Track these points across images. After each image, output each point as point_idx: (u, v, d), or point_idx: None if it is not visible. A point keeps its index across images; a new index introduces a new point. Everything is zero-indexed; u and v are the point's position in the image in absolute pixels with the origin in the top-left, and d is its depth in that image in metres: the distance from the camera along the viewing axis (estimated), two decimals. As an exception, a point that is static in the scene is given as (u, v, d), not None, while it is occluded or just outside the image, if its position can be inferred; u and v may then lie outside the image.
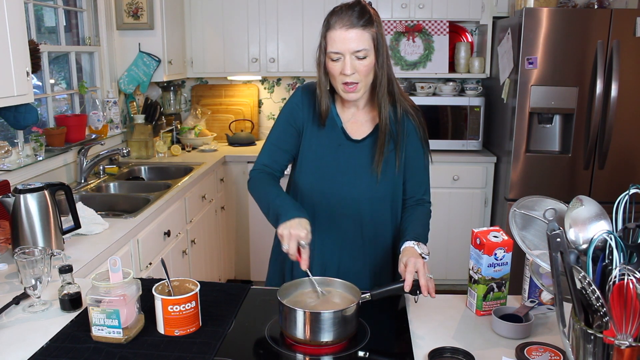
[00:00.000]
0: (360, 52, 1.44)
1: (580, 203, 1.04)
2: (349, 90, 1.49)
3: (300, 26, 3.73)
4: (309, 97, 1.61)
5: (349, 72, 1.45)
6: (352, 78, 1.47)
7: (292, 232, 1.37)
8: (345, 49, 1.44)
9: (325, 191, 1.60)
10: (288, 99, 1.67)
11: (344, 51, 1.44)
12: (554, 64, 3.10)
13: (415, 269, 1.33)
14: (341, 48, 1.44)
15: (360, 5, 1.46)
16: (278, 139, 1.64)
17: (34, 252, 1.38)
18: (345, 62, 1.45)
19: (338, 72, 1.47)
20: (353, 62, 1.45)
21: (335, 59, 1.46)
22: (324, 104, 1.55)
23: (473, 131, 3.63)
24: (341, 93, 1.52)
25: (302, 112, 1.61)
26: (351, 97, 1.51)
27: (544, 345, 1.18)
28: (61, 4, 2.99)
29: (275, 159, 1.64)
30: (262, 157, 1.66)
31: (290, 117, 1.62)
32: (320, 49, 1.50)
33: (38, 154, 2.51)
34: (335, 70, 1.47)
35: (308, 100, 1.61)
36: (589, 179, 3.23)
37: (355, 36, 1.43)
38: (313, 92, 1.60)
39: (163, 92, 3.99)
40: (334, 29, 1.44)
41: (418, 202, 1.64)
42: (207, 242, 3.19)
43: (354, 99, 1.53)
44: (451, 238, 3.65)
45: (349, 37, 1.43)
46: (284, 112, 1.65)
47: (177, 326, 1.23)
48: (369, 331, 1.28)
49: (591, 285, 0.90)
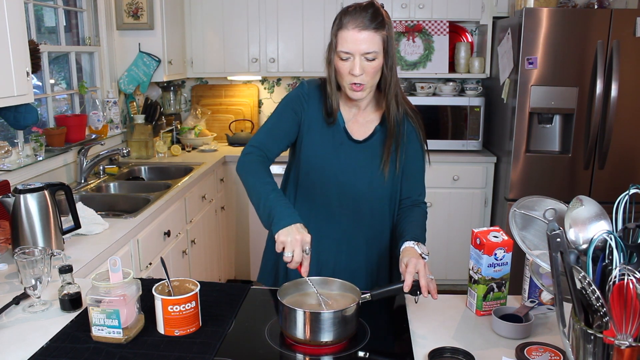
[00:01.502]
0: (370, 54, 1.45)
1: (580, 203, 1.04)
2: (356, 89, 1.50)
3: (300, 26, 3.73)
4: (314, 91, 1.60)
5: (357, 72, 1.45)
6: (360, 79, 1.47)
7: (297, 237, 1.32)
8: (355, 49, 1.44)
9: (325, 190, 1.60)
10: (293, 89, 1.66)
11: (354, 52, 1.44)
12: (554, 64, 3.10)
13: (416, 269, 1.33)
14: (352, 49, 1.44)
15: (373, 8, 1.46)
16: (279, 121, 1.61)
17: (34, 252, 1.38)
18: (354, 63, 1.45)
19: (347, 72, 1.48)
20: (362, 62, 1.45)
21: (345, 59, 1.47)
22: (334, 102, 1.55)
23: (473, 131, 3.63)
24: (348, 92, 1.52)
25: (307, 104, 1.60)
26: (357, 96, 1.52)
27: (544, 345, 1.18)
28: (61, 4, 2.99)
29: (272, 140, 1.59)
30: (259, 136, 1.60)
31: (294, 105, 1.60)
32: (330, 47, 1.50)
33: (38, 154, 2.51)
34: (344, 70, 1.48)
35: (313, 94, 1.60)
36: (589, 179, 3.23)
37: (366, 38, 1.44)
38: (317, 87, 1.60)
39: (163, 92, 3.99)
40: (346, 29, 1.45)
41: (414, 203, 1.64)
42: (207, 242, 3.19)
43: (360, 97, 1.53)
44: (451, 238, 3.65)
45: (360, 39, 1.44)
46: (288, 98, 1.62)
47: (177, 326, 1.23)
48: (369, 331, 1.28)
49: (591, 285, 0.90)
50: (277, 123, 1.61)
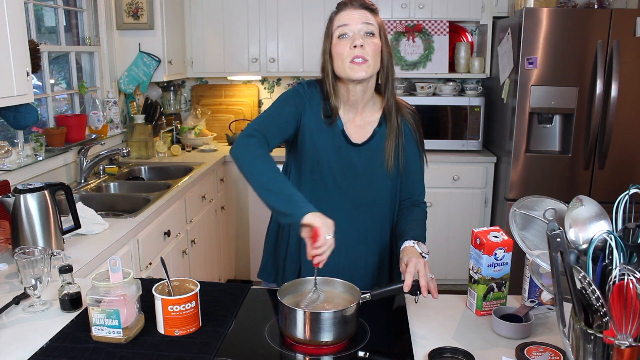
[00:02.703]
0: (370, 26, 1.46)
1: (580, 203, 1.04)
2: (358, 63, 1.45)
3: (300, 26, 3.73)
4: (313, 91, 1.58)
5: (359, 42, 1.44)
6: (362, 51, 1.44)
7: (328, 222, 1.30)
8: (354, 22, 1.46)
9: (324, 193, 1.59)
10: (291, 88, 1.62)
11: (353, 25, 1.46)
12: (554, 64, 3.10)
13: (416, 269, 1.33)
14: (350, 22, 1.46)
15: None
16: (279, 111, 1.56)
17: (34, 252, 1.38)
18: (354, 36, 1.46)
19: (347, 48, 1.45)
20: (363, 37, 1.46)
21: (343, 36, 1.47)
22: (332, 97, 1.54)
23: (473, 131, 3.63)
24: (348, 72, 1.46)
25: (309, 104, 1.57)
26: (360, 73, 1.45)
27: (544, 345, 1.18)
28: (61, 4, 2.99)
29: (273, 128, 1.53)
30: (260, 121, 1.53)
31: (296, 100, 1.57)
32: (327, 34, 1.51)
33: (38, 154, 2.51)
34: (344, 47, 1.46)
35: (313, 94, 1.58)
36: (589, 179, 3.23)
37: (363, 15, 1.47)
38: (316, 88, 1.58)
39: (163, 92, 3.99)
40: (342, 11, 1.49)
41: (414, 203, 1.64)
42: (207, 242, 3.19)
43: (362, 76, 1.46)
44: (451, 238, 3.65)
45: (357, 15, 1.47)
46: (289, 93, 1.59)
47: (177, 326, 1.23)
48: (369, 331, 1.28)
49: (591, 285, 0.90)
50: (278, 112, 1.55)
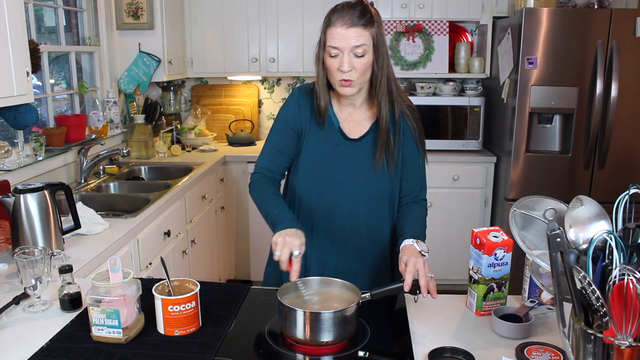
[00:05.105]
0: (359, 48, 1.45)
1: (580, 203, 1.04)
2: (345, 85, 1.50)
3: (300, 26, 3.73)
4: (305, 98, 1.62)
5: (346, 68, 1.46)
6: (348, 75, 1.48)
7: (287, 239, 1.37)
8: (344, 45, 1.45)
9: (323, 191, 1.60)
10: (285, 101, 1.67)
11: (343, 47, 1.45)
12: (554, 64, 3.10)
13: (416, 268, 1.32)
14: (340, 44, 1.45)
15: (362, 5, 1.47)
16: (277, 142, 1.64)
17: (34, 252, 1.38)
18: (343, 59, 1.46)
19: (335, 68, 1.48)
20: (351, 59, 1.46)
21: (334, 55, 1.47)
22: (322, 101, 1.56)
23: (473, 131, 3.63)
24: (337, 88, 1.53)
25: (300, 113, 1.61)
26: (346, 92, 1.52)
27: (544, 345, 1.18)
28: (61, 4, 2.99)
29: (275, 161, 1.64)
30: (262, 160, 1.66)
31: (289, 120, 1.62)
32: (319, 44, 1.51)
33: (38, 154, 2.51)
34: (333, 66, 1.49)
35: (305, 101, 1.61)
36: (589, 179, 3.23)
37: (355, 34, 1.44)
38: (309, 92, 1.61)
39: (163, 92, 3.99)
40: (334, 26, 1.46)
41: (414, 200, 1.64)
42: (207, 242, 3.19)
43: (350, 93, 1.53)
44: (451, 238, 3.65)
45: (349, 35, 1.44)
46: (282, 114, 1.65)
47: (177, 326, 1.23)
48: (369, 331, 1.28)
49: (591, 285, 0.90)
50: (277, 145, 1.64)
